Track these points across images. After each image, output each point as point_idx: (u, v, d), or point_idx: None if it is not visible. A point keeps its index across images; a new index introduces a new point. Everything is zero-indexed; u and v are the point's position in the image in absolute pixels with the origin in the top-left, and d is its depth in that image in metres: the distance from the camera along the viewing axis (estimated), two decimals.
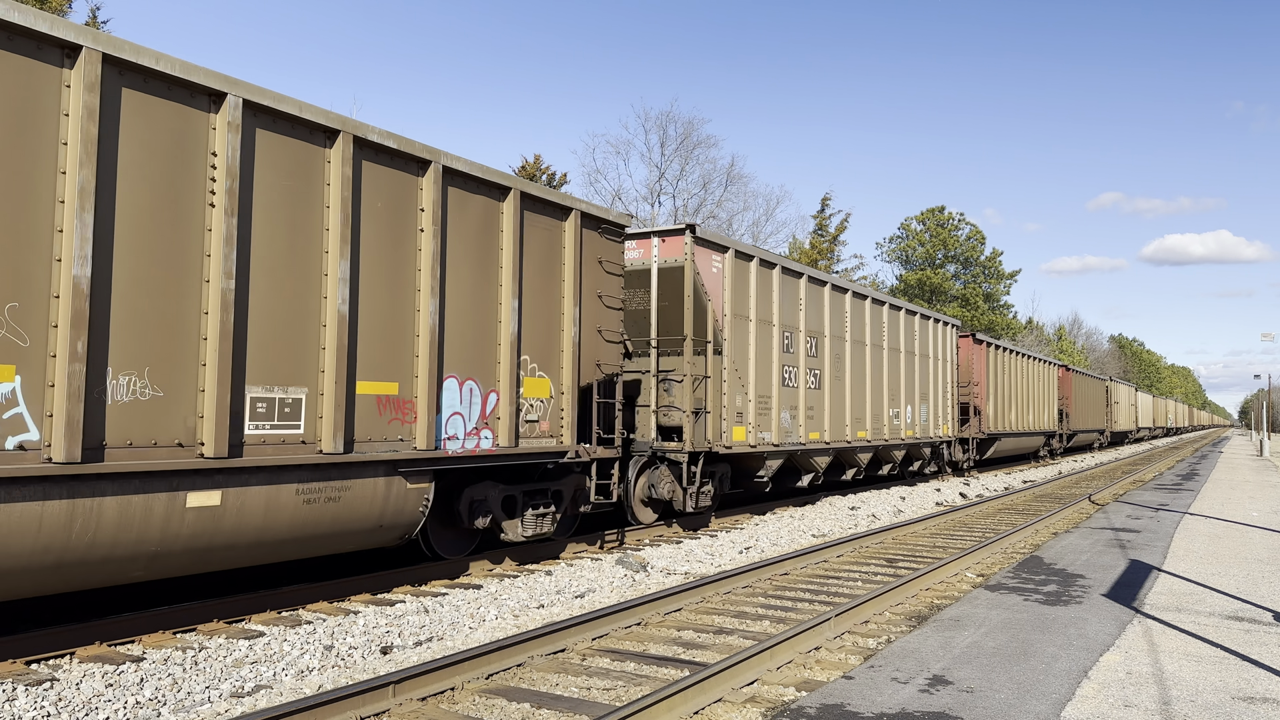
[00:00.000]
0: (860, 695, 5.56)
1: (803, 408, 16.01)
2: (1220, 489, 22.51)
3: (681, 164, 46.06)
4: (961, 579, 10.39)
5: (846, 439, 17.74)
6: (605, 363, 11.28)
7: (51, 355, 6.10)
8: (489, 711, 5.75)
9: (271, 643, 7.03)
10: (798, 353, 16.00)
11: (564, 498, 11.03)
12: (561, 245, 10.65)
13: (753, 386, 14.46)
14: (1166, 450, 56.96)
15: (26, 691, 5.76)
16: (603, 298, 11.26)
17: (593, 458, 11.12)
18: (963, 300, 69.33)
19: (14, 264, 5.96)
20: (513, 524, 10.22)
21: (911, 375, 21.45)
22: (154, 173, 6.72)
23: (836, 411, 17.36)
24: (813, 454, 16.63)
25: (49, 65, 6.19)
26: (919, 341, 22.09)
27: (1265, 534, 13.66)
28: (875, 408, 19.13)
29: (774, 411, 15.08)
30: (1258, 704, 5.53)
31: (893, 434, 20.09)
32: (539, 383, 10.28)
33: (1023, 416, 31.60)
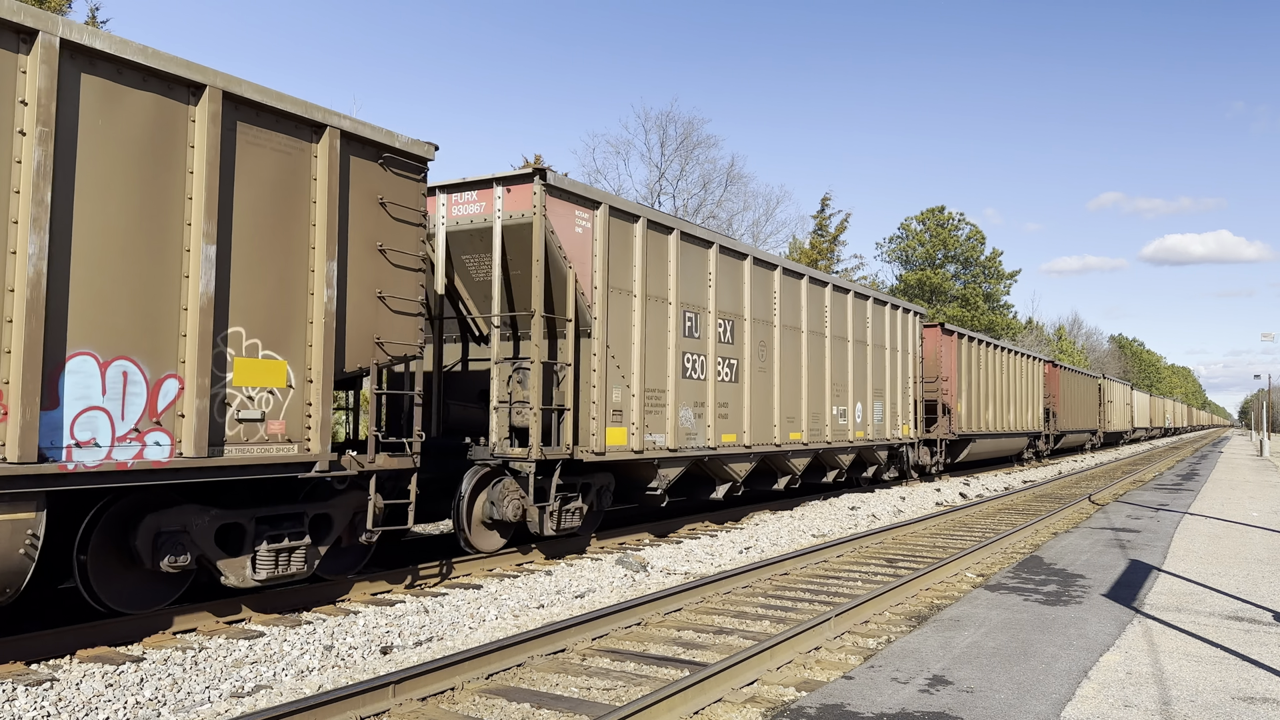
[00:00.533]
0: (860, 695, 5.56)
1: (712, 405, 13.35)
2: (1220, 489, 22.52)
3: (681, 164, 46.07)
4: (961, 579, 10.39)
5: (774, 442, 15.12)
6: (392, 341, 8.60)
7: None
8: (489, 711, 5.76)
9: (271, 643, 7.03)
10: (706, 338, 13.33)
11: (335, 524, 8.41)
12: (309, 175, 7.90)
13: (637, 378, 11.78)
14: (1166, 450, 56.96)
15: (26, 691, 5.76)
16: (387, 252, 8.55)
17: (368, 469, 8.38)
18: (963, 300, 69.35)
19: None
20: (237, 563, 7.62)
21: (863, 368, 18.74)
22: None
23: (761, 409, 14.77)
24: (727, 460, 13.85)
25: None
26: (873, 330, 19.38)
27: (1265, 534, 13.66)
28: (814, 405, 16.59)
29: (670, 409, 12.41)
30: (1258, 704, 5.53)
31: (837, 435, 17.45)
32: (266, 366, 7.54)
33: (1002, 416, 29.25)
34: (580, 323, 11.06)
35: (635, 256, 12.00)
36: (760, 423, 14.80)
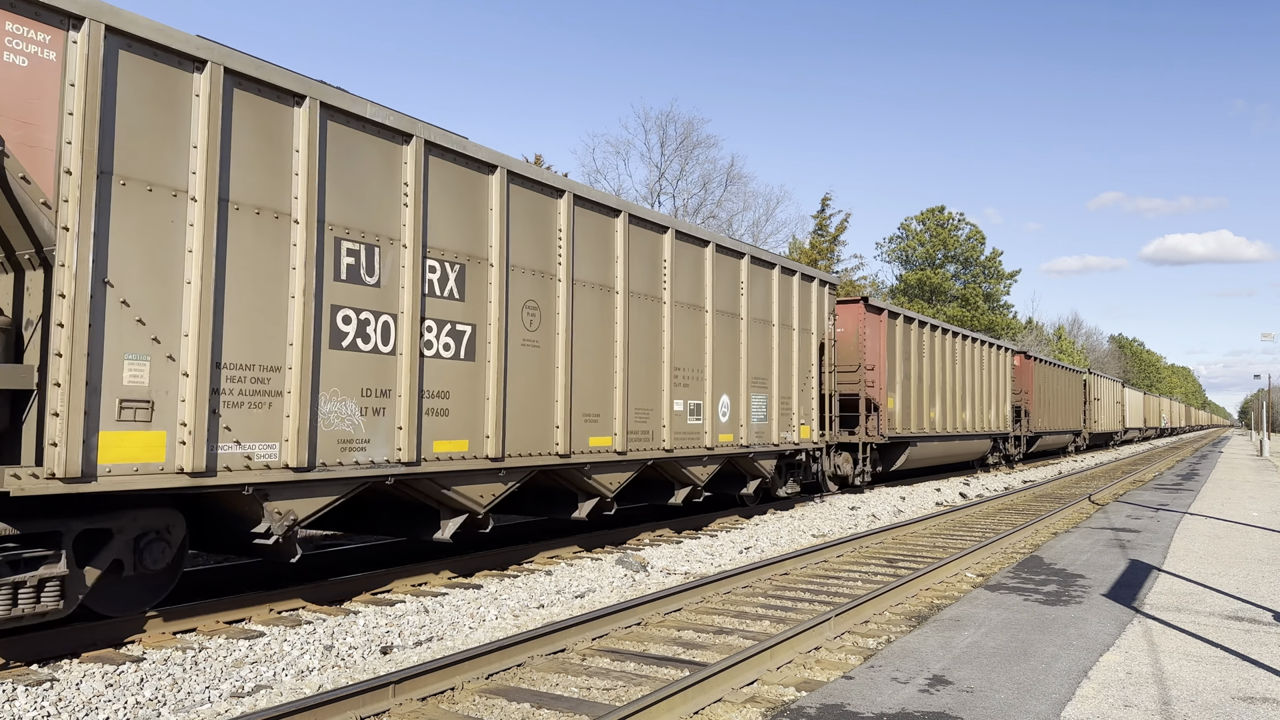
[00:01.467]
0: (860, 695, 5.56)
1: (408, 394, 8.52)
2: (1220, 489, 22.51)
3: (681, 164, 46.08)
4: (961, 579, 10.39)
5: (554, 450, 10.37)
6: None
7: None
8: (489, 711, 5.76)
9: (271, 643, 7.03)
10: (396, 287, 8.53)
11: None
12: None
13: (196, 342, 6.87)
14: (1166, 450, 56.95)
15: (26, 691, 5.76)
16: None
17: None
18: (963, 300, 69.35)
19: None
20: None
21: (733, 349, 13.90)
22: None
23: (526, 402, 9.97)
24: (450, 481, 9.13)
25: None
26: (750, 300, 14.35)
27: (1265, 534, 13.66)
28: (644, 397, 11.86)
29: (294, 400, 7.57)
30: (1258, 704, 5.53)
31: (684, 440, 12.60)
32: None
33: (953, 414, 24.65)
34: (36, 241, 6.34)
35: (195, 128, 6.94)
36: (523, 421, 9.95)
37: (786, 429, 15.51)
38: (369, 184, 8.32)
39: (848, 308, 20.16)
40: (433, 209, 8.94)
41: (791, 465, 16.46)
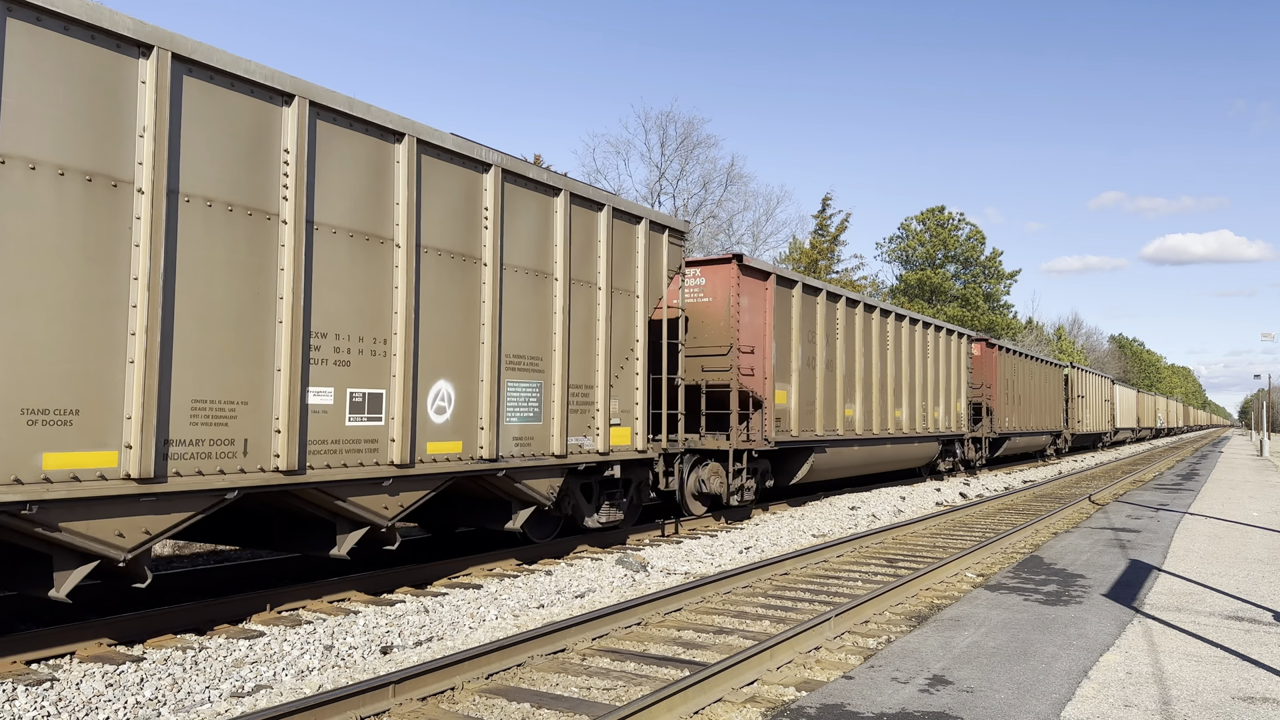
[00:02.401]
0: (860, 695, 5.56)
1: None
2: (1220, 489, 22.51)
3: (681, 164, 46.07)
4: (961, 579, 10.39)
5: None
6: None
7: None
8: (489, 711, 5.76)
9: (271, 643, 7.03)
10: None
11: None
12: None
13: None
14: (1166, 450, 56.95)
15: (26, 691, 5.76)
16: None
17: None
18: (963, 300, 69.34)
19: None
20: None
21: (469, 312, 9.23)
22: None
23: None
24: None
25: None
26: (510, 239, 9.73)
27: (1265, 534, 13.66)
28: (223, 378, 7.00)
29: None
30: (1258, 704, 5.53)
31: (337, 452, 7.85)
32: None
33: (881, 413, 19.63)
34: None
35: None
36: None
37: (583, 433, 10.76)
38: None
39: (716, 270, 14.67)
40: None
41: (608, 484, 11.83)
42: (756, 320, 15.03)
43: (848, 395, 18.27)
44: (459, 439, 9.05)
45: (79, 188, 6.25)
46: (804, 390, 16.36)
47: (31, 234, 6.00)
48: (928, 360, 22.73)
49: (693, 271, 14.85)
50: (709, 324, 14.71)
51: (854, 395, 18.52)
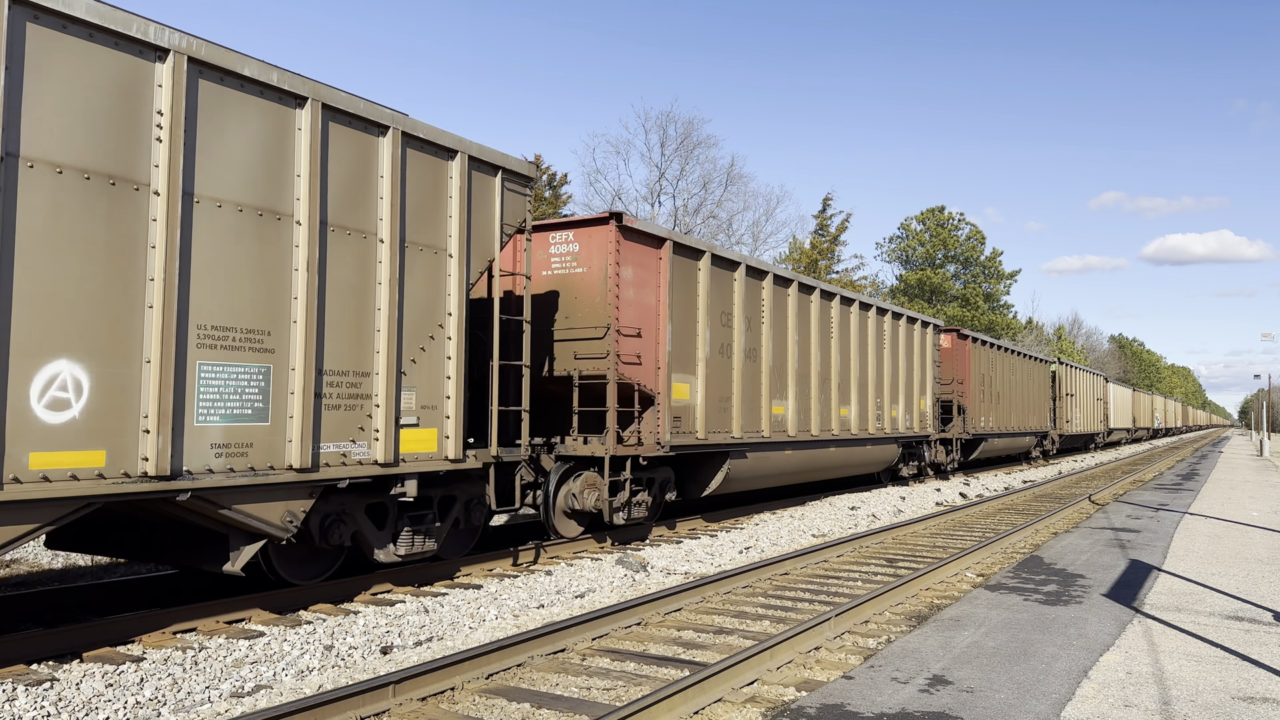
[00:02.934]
0: (860, 695, 5.56)
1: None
2: (1220, 489, 22.51)
3: (681, 164, 46.06)
4: (961, 579, 10.39)
5: None
6: None
7: None
8: (489, 711, 5.76)
9: (271, 643, 7.03)
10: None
11: None
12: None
13: None
14: (1166, 450, 56.96)
15: (26, 691, 5.76)
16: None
17: None
18: (963, 300, 69.34)
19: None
20: None
21: (123, 264, 6.50)
22: None
23: None
24: None
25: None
26: (205, 164, 7.01)
27: (1265, 534, 13.66)
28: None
29: None
30: (1258, 704, 5.53)
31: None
32: None
33: (822, 411, 16.76)
34: None
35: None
36: None
37: (350, 436, 8.07)
38: None
39: (591, 233, 11.82)
40: None
41: (419, 504, 9.16)
42: (646, 297, 12.20)
43: (777, 390, 15.33)
44: (100, 447, 6.29)
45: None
46: (716, 383, 13.58)
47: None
48: (884, 352, 19.92)
49: (562, 235, 12.01)
50: (583, 300, 11.76)
51: (785, 390, 15.63)
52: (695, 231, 42.26)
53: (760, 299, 15.06)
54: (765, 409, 14.92)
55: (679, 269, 12.86)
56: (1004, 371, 29.62)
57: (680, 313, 12.87)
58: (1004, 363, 29.71)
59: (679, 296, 12.85)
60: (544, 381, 11.95)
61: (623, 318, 11.72)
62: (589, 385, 11.74)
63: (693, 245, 13.23)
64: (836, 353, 17.50)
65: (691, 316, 13.19)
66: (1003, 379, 29.44)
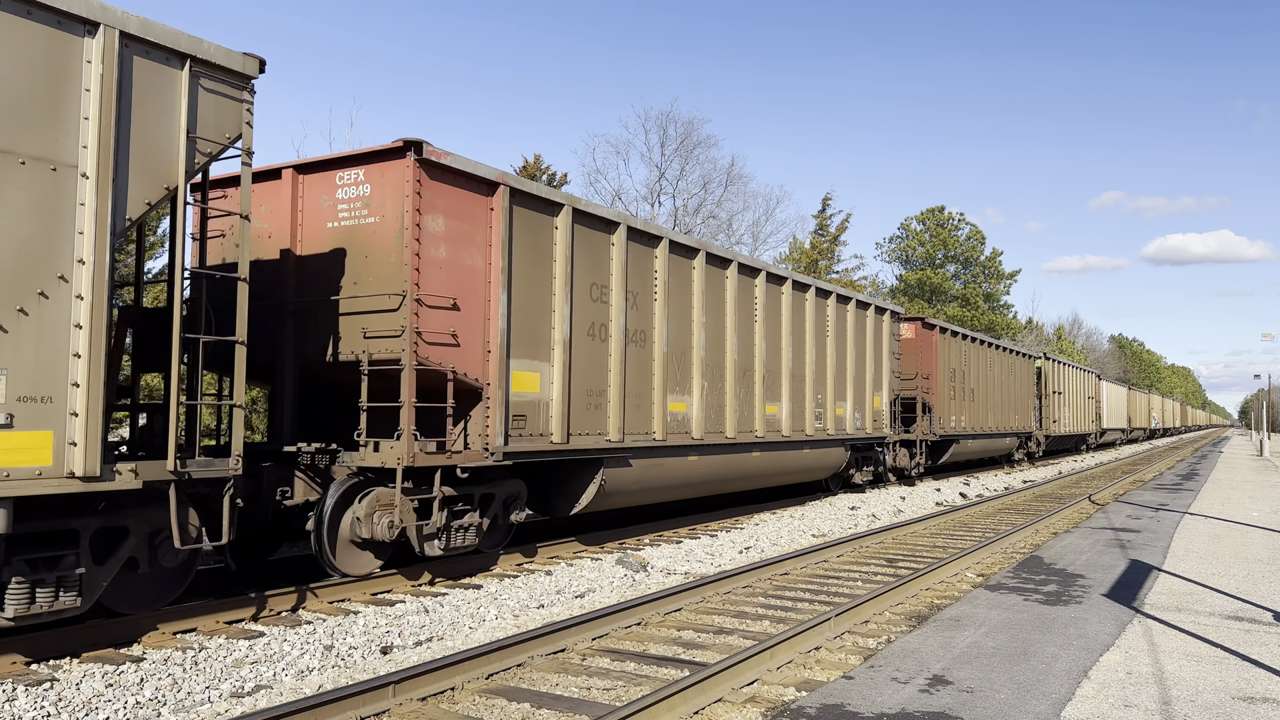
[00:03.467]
0: (860, 695, 5.56)
1: None
2: (1220, 489, 22.51)
3: (681, 164, 46.05)
4: (961, 579, 10.39)
5: None
6: None
7: None
8: (489, 711, 5.76)
9: (271, 643, 7.03)
10: None
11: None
12: None
13: None
14: (1166, 450, 56.96)
15: (26, 691, 5.77)
16: None
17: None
18: (963, 300, 69.34)
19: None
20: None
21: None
22: None
23: None
24: None
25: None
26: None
27: (1265, 534, 13.66)
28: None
29: None
30: (1258, 704, 5.53)
31: None
32: None
33: (741, 409, 14.29)
34: None
35: None
36: None
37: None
38: None
39: (384, 170, 9.18)
40: None
41: (40, 540, 6.46)
42: (468, 257, 9.49)
43: (676, 383, 12.81)
44: None
45: None
46: (584, 374, 11.01)
47: None
48: (827, 341, 17.21)
49: (352, 174, 9.39)
50: (375, 260, 9.16)
51: (688, 384, 13.09)
52: (695, 231, 42.14)
53: (652, 270, 12.35)
54: (659, 406, 12.31)
55: (525, 225, 10.17)
56: (980, 366, 27.13)
57: (526, 282, 10.19)
58: (980, 356, 27.21)
59: (525, 260, 10.16)
60: (330, 368, 9.41)
61: (427, 283, 9.04)
62: (382, 372, 9.05)
63: (545, 196, 10.44)
64: (762, 340, 14.93)
65: (544, 287, 10.46)
66: (978, 374, 26.94)
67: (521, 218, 10.13)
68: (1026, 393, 32.85)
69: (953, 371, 24.50)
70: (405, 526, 8.95)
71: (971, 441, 26.11)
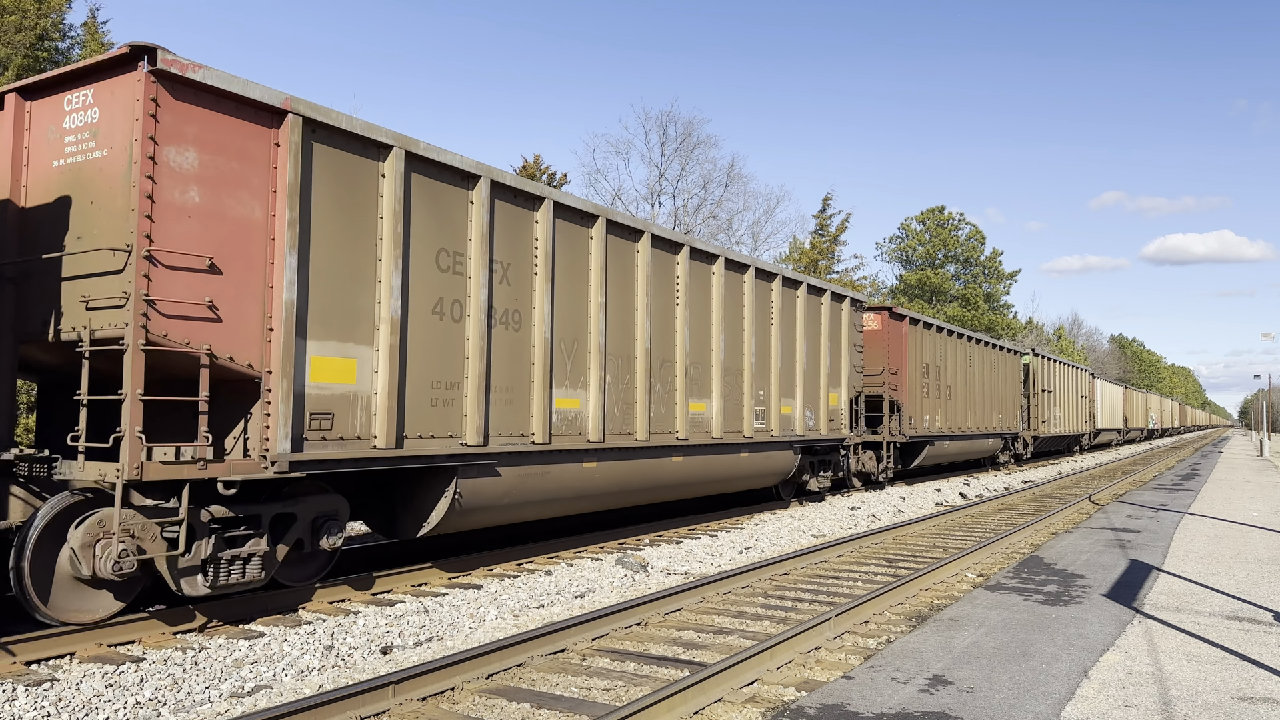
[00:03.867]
0: (860, 695, 5.56)
1: None
2: (1220, 489, 22.51)
3: (681, 164, 46.05)
4: (961, 579, 10.39)
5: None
6: None
7: None
8: (489, 711, 5.76)
9: (271, 643, 7.03)
10: None
11: None
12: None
13: None
14: (1166, 450, 56.96)
15: (26, 691, 5.76)
16: None
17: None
18: (963, 300, 69.34)
19: None
20: None
21: None
22: None
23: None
24: None
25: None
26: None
27: (1265, 534, 13.66)
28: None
29: None
30: (1258, 704, 5.53)
31: None
32: None
33: (651, 403, 12.28)
34: None
35: None
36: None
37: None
38: None
39: (114, 85, 7.08)
40: None
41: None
42: (238, 205, 7.39)
43: (566, 376, 10.87)
44: None
45: None
46: (425, 361, 8.97)
47: None
48: (771, 330, 15.35)
49: (80, 96, 7.29)
50: (102, 205, 7.09)
51: (584, 376, 11.13)
52: (696, 231, 42.12)
53: (531, 238, 10.34)
54: (540, 403, 10.33)
55: (333, 168, 8.09)
56: (958, 362, 25.12)
57: (335, 242, 8.09)
58: (958, 351, 25.15)
59: (333, 213, 8.07)
60: (55, 350, 7.42)
61: (167, 235, 6.90)
62: (110, 354, 6.92)
63: (363, 133, 8.28)
64: (685, 327, 13.02)
65: (364, 249, 8.36)
66: (956, 371, 24.84)
67: (327, 159, 8.02)
68: (1013, 391, 31.08)
69: (926, 367, 22.56)
70: (153, 558, 7.02)
71: (948, 443, 24.19)
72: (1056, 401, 36.14)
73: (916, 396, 21.82)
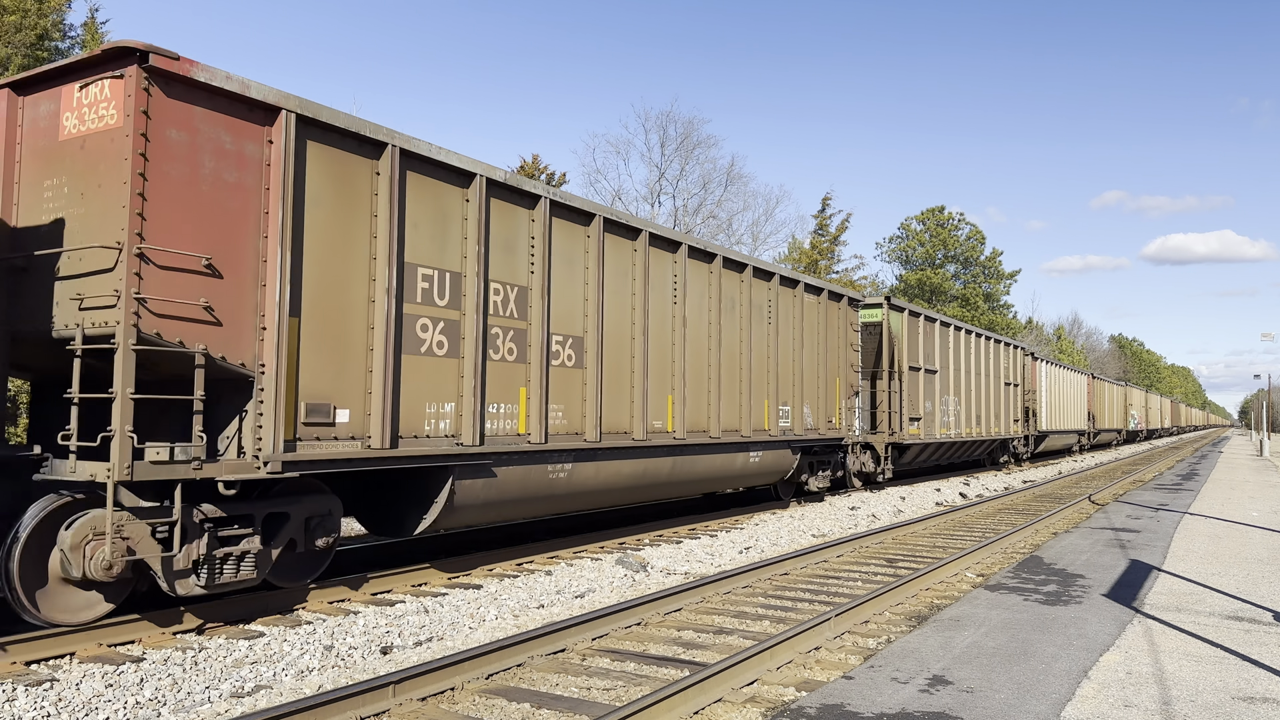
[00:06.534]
0: (860, 695, 5.56)
1: None
2: (1220, 489, 22.51)
3: (681, 164, 46.08)
4: (961, 579, 10.39)
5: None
6: None
7: None
8: (489, 711, 5.76)
9: (271, 643, 7.03)
10: None
11: None
12: None
13: None
14: (1166, 450, 56.97)
15: (26, 692, 5.76)
16: None
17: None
18: (963, 300, 69.35)
19: None
20: None
21: None
22: None
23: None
24: None
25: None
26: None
27: (1265, 534, 13.66)
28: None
29: None
30: (1258, 704, 5.53)
31: None
32: None
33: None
34: None
35: None
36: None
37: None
38: None
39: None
40: None
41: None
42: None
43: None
44: None
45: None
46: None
47: None
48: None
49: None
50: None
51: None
52: (696, 231, 42.10)
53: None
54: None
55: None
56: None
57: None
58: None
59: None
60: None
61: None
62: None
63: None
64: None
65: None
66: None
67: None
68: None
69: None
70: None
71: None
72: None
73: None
